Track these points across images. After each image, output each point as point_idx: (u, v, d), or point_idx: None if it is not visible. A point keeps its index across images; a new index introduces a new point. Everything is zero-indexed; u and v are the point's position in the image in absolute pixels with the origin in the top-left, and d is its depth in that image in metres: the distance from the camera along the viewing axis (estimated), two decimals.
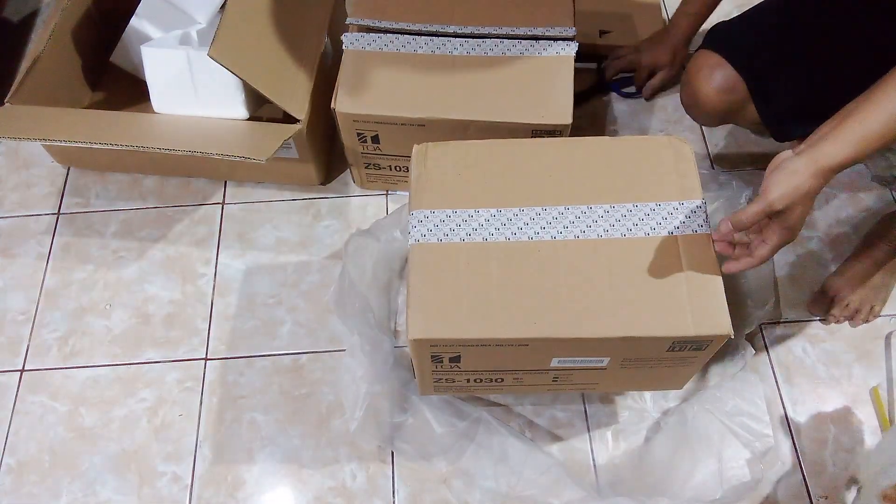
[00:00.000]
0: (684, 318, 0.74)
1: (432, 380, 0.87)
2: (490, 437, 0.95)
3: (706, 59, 0.98)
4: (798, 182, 0.69)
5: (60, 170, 1.26)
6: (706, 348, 0.78)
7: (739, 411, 0.93)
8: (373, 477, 0.97)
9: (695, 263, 0.77)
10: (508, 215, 0.81)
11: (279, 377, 1.05)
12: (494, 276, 0.77)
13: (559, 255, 0.78)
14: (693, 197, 0.81)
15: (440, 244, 0.79)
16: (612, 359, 0.81)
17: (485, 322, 0.75)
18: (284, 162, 1.14)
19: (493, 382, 0.88)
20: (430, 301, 0.76)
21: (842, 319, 1.07)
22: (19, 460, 1.00)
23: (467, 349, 0.78)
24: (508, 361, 0.82)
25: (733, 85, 0.96)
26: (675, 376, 0.88)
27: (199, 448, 1.00)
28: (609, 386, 0.91)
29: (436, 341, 0.76)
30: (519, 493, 0.91)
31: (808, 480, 0.96)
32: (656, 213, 0.80)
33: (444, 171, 0.84)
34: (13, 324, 1.11)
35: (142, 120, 1.11)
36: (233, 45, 0.98)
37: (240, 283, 1.13)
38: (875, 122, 0.68)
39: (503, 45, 1.04)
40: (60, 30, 1.17)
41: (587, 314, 0.75)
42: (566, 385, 0.90)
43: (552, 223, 0.80)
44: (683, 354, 0.79)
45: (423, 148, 0.86)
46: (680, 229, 0.79)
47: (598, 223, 0.80)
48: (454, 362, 0.81)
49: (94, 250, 1.17)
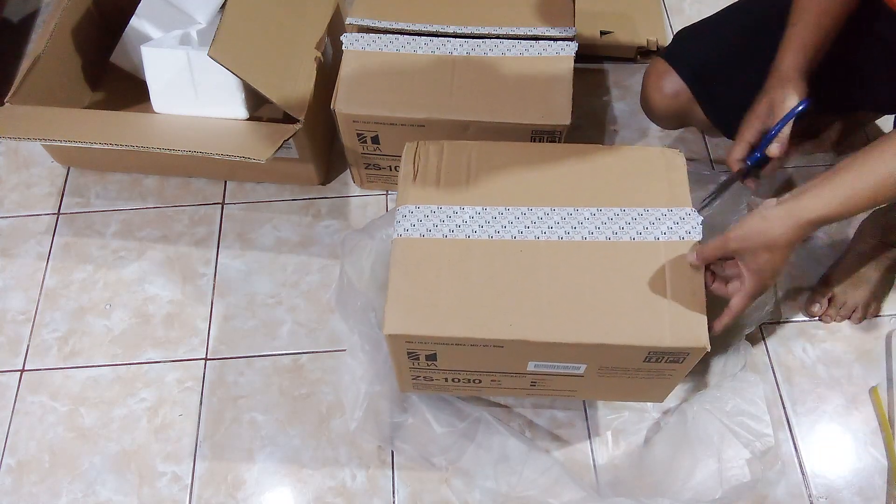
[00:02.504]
0: (661, 328, 0.73)
1: (411, 377, 0.86)
2: (490, 437, 0.95)
3: (655, 67, 1.02)
4: (763, 227, 0.70)
5: (60, 170, 1.26)
6: (684, 361, 0.77)
7: (739, 411, 0.93)
8: (373, 477, 0.97)
9: (678, 272, 0.76)
10: (493, 213, 0.80)
11: (279, 377, 1.05)
12: (475, 274, 0.77)
13: (541, 256, 0.77)
14: (682, 204, 0.80)
15: (423, 239, 0.79)
16: (589, 366, 0.80)
17: (461, 321, 0.74)
18: (284, 162, 1.14)
19: (472, 383, 0.87)
20: (408, 296, 0.75)
21: (839, 319, 1.07)
22: (19, 460, 1.00)
23: (443, 347, 0.77)
24: (485, 363, 0.81)
25: (677, 91, 1.00)
26: (655, 388, 0.86)
27: (199, 448, 1.00)
28: (588, 394, 0.90)
29: (411, 337, 0.75)
30: (519, 493, 0.91)
31: (807, 481, 0.96)
32: (643, 217, 0.79)
33: (433, 169, 0.84)
34: (13, 324, 1.11)
35: (142, 120, 1.11)
36: (233, 45, 0.98)
37: (240, 283, 1.13)
38: (863, 183, 0.68)
39: (503, 45, 1.04)
40: (60, 30, 1.17)
41: (564, 318, 0.74)
42: (544, 390, 0.88)
43: (536, 223, 0.80)
44: (661, 366, 0.78)
45: (414, 146, 0.86)
46: (666, 235, 0.78)
47: (584, 225, 0.79)
48: (431, 360, 0.80)
49: (94, 250, 1.17)
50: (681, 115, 1.03)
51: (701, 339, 0.73)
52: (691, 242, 0.78)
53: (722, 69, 0.98)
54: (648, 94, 1.03)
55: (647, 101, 1.04)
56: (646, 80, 1.04)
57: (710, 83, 0.99)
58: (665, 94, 1.01)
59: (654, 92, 1.02)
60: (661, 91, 1.01)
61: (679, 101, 1.01)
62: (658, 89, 1.01)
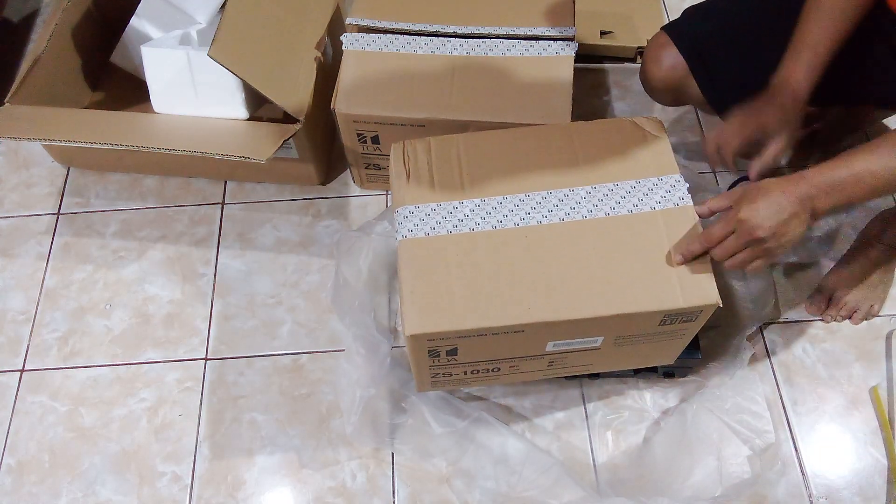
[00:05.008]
0: (673, 291, 0.76)
1: (430, 375, 0.87)
2: (490, 437, 0.95)
3: (657, 40, 1.02)
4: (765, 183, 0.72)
5: (60, 170, 1.26)
6: (696, 319, 0.80)
7: (739, 409, 0.93)
8: (373, 477, 0.97)
9: (679, 237, 0.79)
10: (493, 204, 0.82)
11: (279, 377, 1.05)
12: (484, 264, 0.78)
13: (546, 239, 0.79)
14: (670, 172, 0.83)
15: (428, 238, 0.80)
16: (606, 338, 0.82)
17: (480, 312, 0.76)
18: (284, 162, 1.14)
19: (490, 372, 0.88)
20: (423, 295, 0.77)
21: (839, 319, 1.07)
22: (19, 460, 1.00)
23: (464, 340, 0.78)
24: (505, 349, 0.82)
25: (674, 64, 1.00)
26: (667, 350, 0.89)
27: (199, 448, 1.00)
28: (602, 365, 0.92)
29: (433, 335, 0.76)
30: (519, 493, 0.91)
31: (807, 481, 0.96)
32: (637, 189, 0.82)
33: (424, 167, 0.85)
34: (13, 324, 1.11)
35: (142, 120, 1.11)
36: (233, 45, 0.98)
37: (240, 283, 1.13)
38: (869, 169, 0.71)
39: (503, 45, 1.04)
40: (60, 30, 1.17)
41: (579, 295, 0.76)
42: (561, 368, 0.90)
43: (536, 208, 0.81)
44: (675, 327, 0.81)
45: (400, 146, 0.87)
46: (661, 204, 0.81)
47: (582, 204, 0.81)
48: (451, 355, 0.82)
49: (94, 250, 1.17)
50: (677, 90, 1.03)
51: (712, 296, 0.76)
52: (685, 208, 0.81)
53: (721, 47, 0.98)
54: (647, 66, 1.03)
55: (645, 73, 1.04)
56: (646, 52, 1.04)
57: (708, 59, 0.99)
58: (662, 66, 1.00)
59: (651, 63, 1.01)
60: (659, 62, 1.01)
61: (676, 73, 1.00)
62: (656, 60, 1.01)
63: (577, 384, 1.03)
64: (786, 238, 0.73)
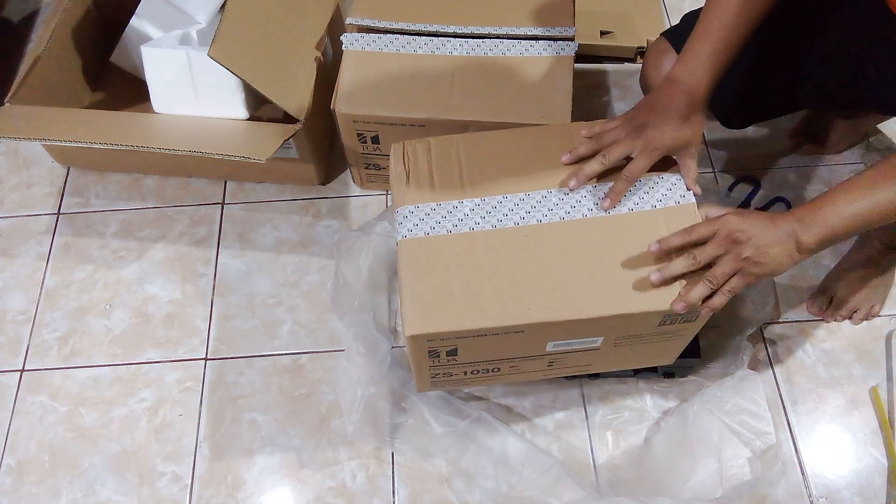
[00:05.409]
0: (673, 290, 0.75)
1: (430, 375, 0.87)
2: (490, 437, 0.95)
3: (657, 46, 1.01)
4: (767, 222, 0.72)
5: (60, 170, 1.26)
6: (696, 319, 0.79)
7: (739, 409, 0.93)
8: (373, 477, 0.97)
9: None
10: (493, 203, 0.82)
11: (279, 377, 1.05)
12: (484, 264, 0.78)
13: (546, 238, 0.79)
14: (671, 170, 0.83)
15: (428, 238, 0.80)
16: (606, 338, 0.82)
17: (479, 312, 0.75)
18: (284, 162, 1.14)
19: (490, 372, 0.88)
20: (423, 296, 0.76)
21: (840, 319, 1.07)
22: (19, 460, 1.00)
23: (464, 340, 0.78)
24: (505, 349, 0.82)
25: None
26: (666, 350, 0.89)
27: (199, 448, 1.00)
28: (602, 365, 0.92)
29: (433, 335, 0.76)
30: (519, 493, 0.91)
31: (807, 481, 0.96)
32: (637, 188, 0.82)
33: (424, 167, 0.85)
34: (13, 324, 1.11)
35: (142, 120, 1.11)
36: (233, 45, 0.98)
37: (240, 283, 1.13)
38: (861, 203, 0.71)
39: (503, 45, 1.04)
40: (60, 30, 1.17)
41: (580, 295, 0.76)
42: (561, 369, 0.90)
43: (536, 207, 0.81)
44: (675, 327, 0.80)
45: (400, 146, 0.87)
46: (662, 202, 0.81)
47: (582, 203, 0.81)
48: (451, 356, 0.81)
49: (94, 250, 1.17)
50: None
51: None
52: (687, 205, 0.80)
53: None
54: (646, 71, 1.02)
55: (645, 79, 1.03)
56: (646, 58, 1.03)
57: None
58: (662, 73, 0.99)
59: (651, 69, 1.00)
60: (659, 69, 0.99)
61: None
62: (656, 67, 1.00)
63: (577, 384, 1.03)
64: (767, 258, 0.72)
